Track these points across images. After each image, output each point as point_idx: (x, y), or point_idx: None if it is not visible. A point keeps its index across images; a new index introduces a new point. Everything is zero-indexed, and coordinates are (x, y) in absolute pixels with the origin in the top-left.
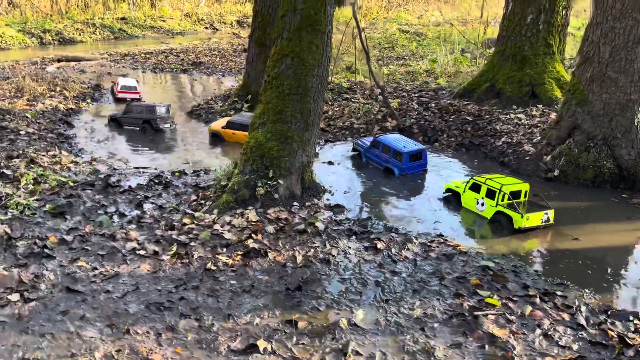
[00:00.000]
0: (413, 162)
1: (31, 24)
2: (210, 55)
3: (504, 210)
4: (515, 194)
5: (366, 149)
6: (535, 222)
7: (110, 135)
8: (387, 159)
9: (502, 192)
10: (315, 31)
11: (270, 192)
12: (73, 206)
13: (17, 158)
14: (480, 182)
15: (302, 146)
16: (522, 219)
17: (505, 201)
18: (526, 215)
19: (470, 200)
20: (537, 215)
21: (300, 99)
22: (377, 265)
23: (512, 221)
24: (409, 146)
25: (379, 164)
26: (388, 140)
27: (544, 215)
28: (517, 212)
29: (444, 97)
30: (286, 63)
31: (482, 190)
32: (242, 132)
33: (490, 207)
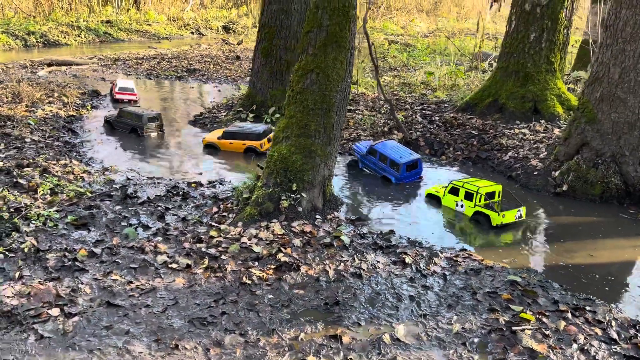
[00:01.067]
0: (409, 172)
1: (14, 25)
2: (203, 62)
3: (482, 209)
4: (490, 194)
5: (363, 155)
6: (510, 219)
7: (116, 144)
8: (384, 168)
9: (479, 194)
10: (340, 48)
11: (293, 205)
12: (95, 217)
13: (28, 167)
14: (458, 186)
15: (324, 160)
16: (498, 217)
17: (482, 202)
18: (502, 214)
19: (450, 203)
20: (511, 213)
21: (324, 113)
22: (408, 279)
23: (489, 219)
24: (406, 156)
25: (375, 172)
26: (385, 150)
27: (517, 212)
28: (494, 211)
29: (447, 111)
30: (311, 78)
31: (461, 193)
32: (239, 141)
33: (469, 207)
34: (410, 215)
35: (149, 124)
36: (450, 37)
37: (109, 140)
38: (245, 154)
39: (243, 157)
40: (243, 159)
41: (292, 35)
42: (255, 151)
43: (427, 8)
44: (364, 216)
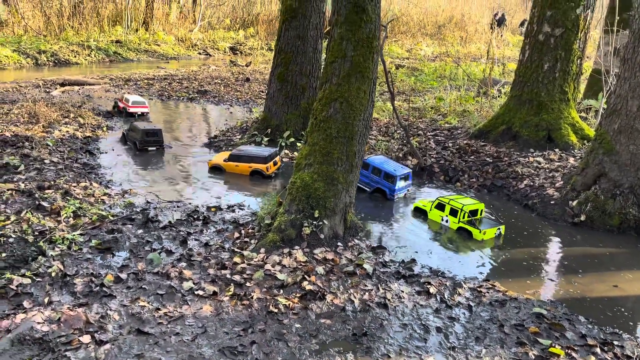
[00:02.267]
0: (402, 184)
1: (26, 44)
2: (213, 83)
3: (465, 226)
4: (473, 212)
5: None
6: (490, 236)
7: (133, 166)
8: (378, 181)
9: (463, 211)
10: (364, 78)
11: (315, 232)
12: (119, 242)
13: (50, 189)
14: (444, 202)
15: (346, 187)
16: (480, 234)
17: (465, 218)
18: (483, 231)
19: (436, 217)
20: (491, 230)
21: (347, 141)
22: (433, 310)
23: (471, 235)
24: (399, 169)
25: (367, 185)
26: (378, 163)
27: (497, 231)
28: (476, 228)
29: (460, 137)
30: (335, 107)
31: (446, 209)
32: (245, 163)
33: (453, 223)
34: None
35: (146, 139)
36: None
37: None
38: (252, 177)
39: (249, 180)
40: (250, 182)
41: (307, 61)
42: (261, 174)
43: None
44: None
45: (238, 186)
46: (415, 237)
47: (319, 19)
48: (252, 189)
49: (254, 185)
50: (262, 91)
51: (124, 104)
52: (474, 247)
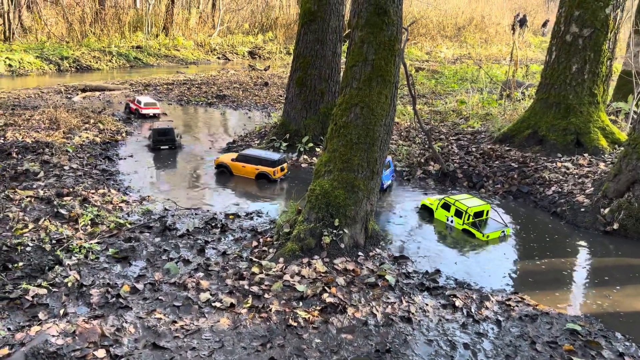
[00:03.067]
0: (386, 171)
1: (48, 50)
2: (232, 88)
3: (469, 228)
4: (478, 213)
5: None
6: (493, 237)
7: (152, 172)
8: None
9: (467, 214)
10: (385, 82)
11: (335, 241)
12: (136, 250)
13: (68, 196)
14: (450, 203)
15: (367, 195)
16: (483, 237)
17: (469, 220)
18: (486, 235)
19: (442, 217)
20: (495, 233)
21: (368, 148)
22: (460, 325)
23: (475, 237)
24: None
25: None
26: None
27: (501, 233)
28: (479, 232)
29: (484, 142)
30: (355, 112)
31: (452, 210)
32: (252, 165)
33: (458, 224)
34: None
35: (158, 138)
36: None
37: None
38: (257, 180)
39: (255, 183)
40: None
41: (326, 65)
42: (267, 177)
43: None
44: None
45: (256, 193)
46: (436, 244)
47: (338, 22)
48: (271, 196)
49: (273, 193)
50: (281, 95)
51: (136, 106)
52: (500, 258)
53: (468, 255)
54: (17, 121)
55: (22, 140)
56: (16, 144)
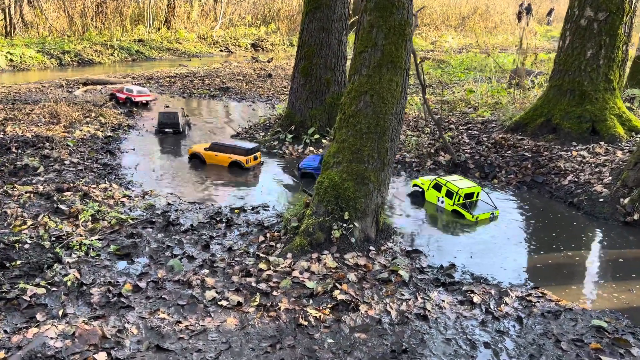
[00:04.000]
0: None
1: (50, 45)
2: (235, 80)
3: (458, 209)
4: (469, 195)
5: (317, 168)
6: (483, 218)
7: (154, 166)
8: None
9: (458, 195)
10: (396, 68)
11: (345, 235)
12: (138, 247)
13: (69, 191)
14: (441, 183)
15: (378, 187)
16: (472, 218)
17: (459, 201)
18: (476, 216)
19: (433, 197)
20: (484, 215)
21: (379, 138)
22: (479, 323)
23: (464, 218)
24: None
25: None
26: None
27: (490, 215)
28: (469, 213)
29: (495, 131)
30: (365, 100)
31: (443, 190)
32: (225, 154)
33: (448, 205)
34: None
35: (163, 121)
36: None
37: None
38: (230, 168)
39: (228, 171)
40: (275, 181)
41: (332, 53)
42: (240, 166)
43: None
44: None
45: (262, 186)
46: (449, 237)
47: (343, 10)
48: (277, 189)
49: (279, 185)
50: (285, 87)
51: (127, 94)
52: (517, 250)
53: (483, 249)
54: (17, 115)
55: (21, 135)
56: (16, 139)
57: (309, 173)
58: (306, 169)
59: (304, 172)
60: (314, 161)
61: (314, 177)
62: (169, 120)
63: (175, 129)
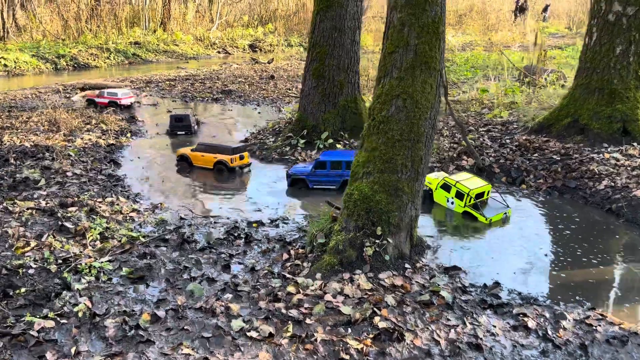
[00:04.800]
0: None
1: (44, 49)
2: (237, 82)
3: (470, 211)
4: (479, 195)
5: (310, 174)
6: (496, 219)
7: (161, 175)
8: (341, 173)
9: (469, 196)
10: (430, 69)
11: (378, 252)
12: (153, 269)
13: (73, 206)
14: (451, 184)
15: (412, 198)
16: (485, 221)
17: (471, 202)
18: (489, 218)
19: (441, 198)
20: (497, 216)
21: (412, 145)
22: (539, 352)
23: (476, 220)
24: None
25: (330, 183)
26: (334, 156)
27: (503, 215)
28: (482, 215)
29: (517, 132)
30: (397, 105)
31: (452, 191)
32: (210, 154)
33: (459, 206)
34: (494, 253)
35: (175, 124)
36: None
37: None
38: (215, 168)
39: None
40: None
41: (345, 54)
42: (225, 165)
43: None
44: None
45: (278, 196)
46: (485, 251)
47: (356, 8)
48: (294, 200)
49: (296, 195)
50: (289, 89)
51: (111, 98)
52: (559, 265)
53: (523, 263)
54: (14, 124)
55: (20, 145)
56: (14, 149)
57: (300, 179)
58: (297, 175)
59: (294, 178)
60: (304, 167)
61: (306, 184)
62: (180, 123)
63: (187, 131)
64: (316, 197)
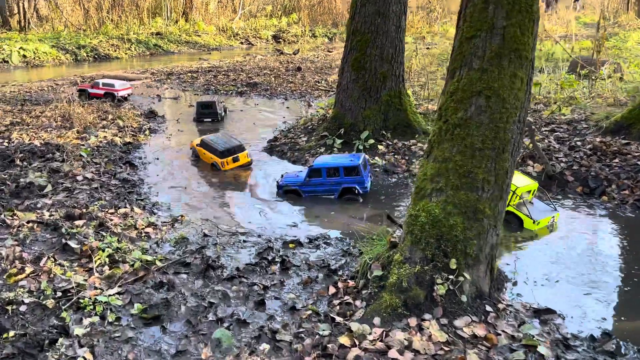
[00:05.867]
0: (365, 171)
1: (65, 39)
2: (262, 74)
3: (515, 211)
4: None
5: (303, 183)
6: (542, 225)
7: (182, 180)
8: (340, 181)
9: (515, 194)
10: (522, 59)
11: (453, 291)
12: (171, 305)
13: (80, 219)
14: None
15: (493, 222)
16: (533, 225)
17: (516, 201)
18: (537, 221)
19: None
20: (545, 220)
21: (497, 155)
22: None
23: (522, 223)
24: (355, 158)
25: (327, 192)
26: (330, 163)
27: (551, 219)
28: (529, 217)
29: (588, 133)
30: (478, 104)
31: None
32: (210, 154)
33: None
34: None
35: (202, 110)
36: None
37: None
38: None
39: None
40: (333, 202)
41: (389, 42)
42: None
43: None
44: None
45: (314, 205)
46: (571, 280)
47: None
48: (335, 211)
49: (338, 205)
50: (318, 82)
51: (107, 89)
52: None
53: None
54: (25, 119)
55: (29, 143)
56: (22, 148)
57: (293, 190)
58: (289, 185)
59: (286, 189)
60: (296, 176)
61: (299, 195)
62: (208, 109)
63: (214, 118)
64: (363, 208)
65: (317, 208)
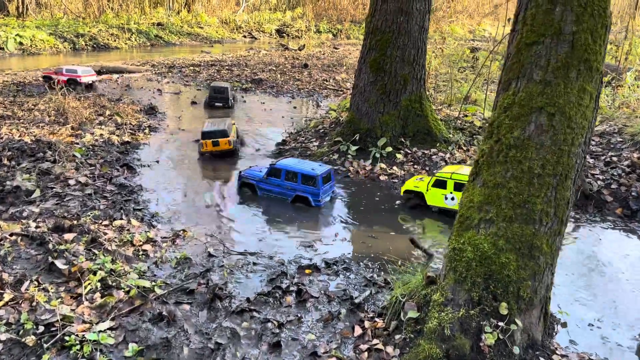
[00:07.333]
0: (325, 185)
1: (63, 27)
2: (267, 70)
3: None
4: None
5: (261, 180)
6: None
7: (185, 187)
8: (295, 187)
9: None
10: (592, 71)
11: (503, 340)
12: (171, 346)
13: (70, 232)
14: (445, 178)
15: (550, 260)
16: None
17: None
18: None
19: (437, 198)
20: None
21: (558, 183)
22: None
23: None
24: (318, 168)
25: (282, 195)
26: (291, 166)
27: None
28: None
29: (624, 147)
30: (538, 123)
31: (449, 185)
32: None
33: None
34: None
35: (213, 95)
36: None
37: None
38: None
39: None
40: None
41: (412, 43)
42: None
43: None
44: None
45: (330, 220)
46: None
47: None
48: (354, 226)
49: (356, 221)
50: (326, 80)
51: (70, 75)
52: None
53: None
54: (17, 113)
55: (18, 140)
56: (10, 145)
57: (250, 184)
58: (248, 178)
59: (244, 181)
60: (260, 172)
61: (254, 190)
62: (219, 94)
63: (225, 103)
64: (386, 225)
65: (335, 227)
